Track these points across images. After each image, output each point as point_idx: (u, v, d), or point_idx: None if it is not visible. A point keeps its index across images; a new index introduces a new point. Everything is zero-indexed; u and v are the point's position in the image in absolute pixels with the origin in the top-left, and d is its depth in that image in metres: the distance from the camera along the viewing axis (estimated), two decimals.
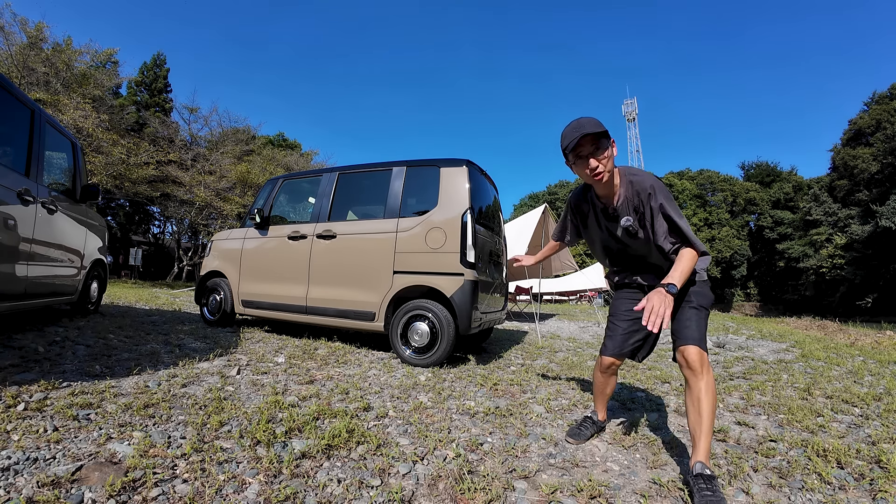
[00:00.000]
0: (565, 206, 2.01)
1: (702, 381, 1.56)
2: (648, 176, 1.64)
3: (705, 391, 1.55)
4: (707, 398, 1.54)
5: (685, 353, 1.61)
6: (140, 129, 18.70)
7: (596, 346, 5.22)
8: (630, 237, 1.73)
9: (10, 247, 2.51)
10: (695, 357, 1.58)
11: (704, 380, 1.56)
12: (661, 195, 1.60)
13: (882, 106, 29.12)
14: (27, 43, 12.28)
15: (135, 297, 7.46)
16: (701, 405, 1.54)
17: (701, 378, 1.56)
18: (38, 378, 2.08)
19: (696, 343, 1.60)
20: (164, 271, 24.36)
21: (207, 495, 1.26)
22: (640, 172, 1.67)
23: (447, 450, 1.74)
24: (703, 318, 1.67)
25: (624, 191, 1.67)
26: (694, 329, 1.63)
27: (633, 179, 1.64)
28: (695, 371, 1.58)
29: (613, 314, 1.95)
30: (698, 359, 1.58)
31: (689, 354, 1.59)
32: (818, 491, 1.53)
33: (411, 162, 3.80)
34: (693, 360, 1.58)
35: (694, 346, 1.59)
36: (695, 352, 1.59)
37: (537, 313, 6.97)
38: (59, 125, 3.39)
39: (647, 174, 1.65)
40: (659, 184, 1.62)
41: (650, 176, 1.65)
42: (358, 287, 3.67)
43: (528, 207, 42.34)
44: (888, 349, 5.48)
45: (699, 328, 1.64)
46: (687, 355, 1.60)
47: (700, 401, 1.54)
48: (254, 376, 2.58)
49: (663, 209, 1.60)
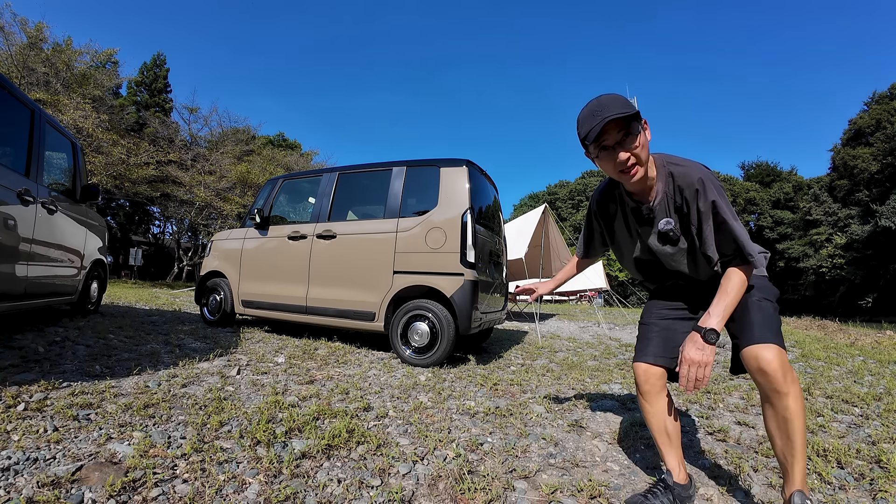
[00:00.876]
0: (587, 211, 1.65)
1: (788, 397, 1.14)
2: (695, 166, 1.29)
3: (794, 409, 1.14)
4: (798, 418, 1.15)
5: (759, 358, 1.17)
6: (140, 129, 18.72)
7: (596, 345, 5.22)
8: (668, 244, 1.37)
9: (10, 247, 2.51)
10: (773, 361, 1.15)
11: (791, 393, 1.14)
12: (712, 191, 1.24)
13: (882, 106, 29.13)
14: (27, 43, 12.29)
15: (135, 298, 7.46)
16: (791, 427, 1.15)
17: (786, 391, 1.14)
18: (39, 378, 2.08)
19: (771, 341, 1.19)
20: (164, 271, 24.36)
21: (207, 495, 1.26)
22: (683, 161, 1.31)
23: (447, 450, 1.74)
24: (772, 312, 1.28)
25: (663, 186, 1.31)
26: (762, 324, 1.22)
27: (676, 171, 1.29)
28: (775, 381, 1.15)
29: (645, 315, 1.56)
30: (779, 363, 1.15)
31: (764, 358, 1.16)
32: (818, 491, 1.53)
33: (411, 162, 3.80)
34: (771, 365, 1.15)
35: (770, 346, 1.17)
36: (773, 353, 1.16)
37: (537, 313, 6.97)
38: (59, 125, 3.39)
39: (692, 164, 1.30)
40: (709, 176, 1.26)
41: (697, 166, 1.29)
42: (358, 287, 3.67)
43: (528, 207, 42.36)
44: (888, 349, 5.48)
45: (769, 322, 1.23)
46: (762, 360, 1.17)
47: (789, 422, 1.15)
48: (254, 376, 2.58)
49: (717, 210, 1.24)
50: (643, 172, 1.26)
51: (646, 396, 1.44)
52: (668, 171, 1.30)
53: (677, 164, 1.30)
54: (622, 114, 1.15)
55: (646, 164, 1.26)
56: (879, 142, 28.34)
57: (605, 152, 1.24)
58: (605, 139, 1.22)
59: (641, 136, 1.22)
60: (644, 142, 1.23)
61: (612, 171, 1.28)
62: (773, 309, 1.29)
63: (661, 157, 1.34)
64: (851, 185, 30.26)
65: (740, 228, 1.23)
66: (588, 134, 1.20)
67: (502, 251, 4.45)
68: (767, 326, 1.22)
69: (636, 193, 1.37)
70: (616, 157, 1.23)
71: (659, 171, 1.32)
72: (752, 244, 1.24)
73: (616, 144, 1.22)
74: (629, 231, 1.48)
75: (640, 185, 1.32)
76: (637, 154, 1.22)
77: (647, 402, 1.44)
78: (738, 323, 1.28)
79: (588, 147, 1.26)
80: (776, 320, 1.26)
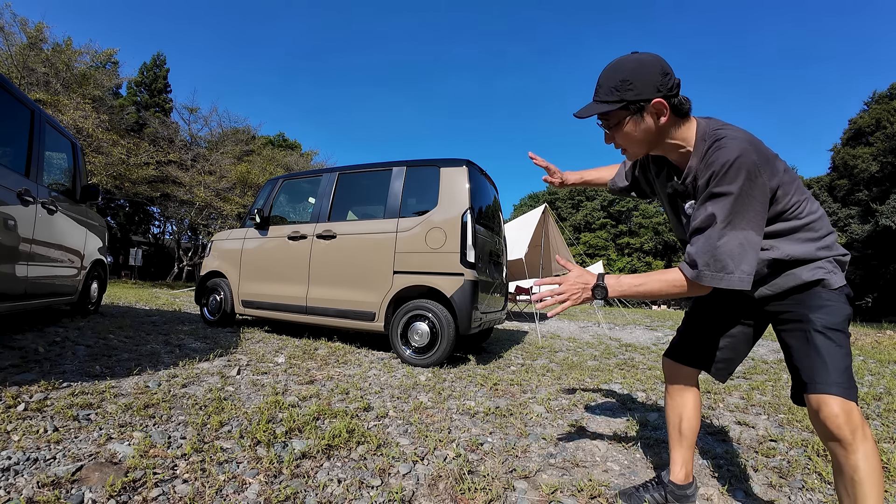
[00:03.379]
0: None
1: (857, 454, 0.97)
2: (736, 146, 1.01)
3: (865, 470, 0.97)
4: (871, 481, 0.96)
5: (821, 409, 1.01)
6: (140, 129, 18.71)
7: (596, 345, 5.22)
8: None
9: (10, 247, 2.51)
10: (838, 416, 0.98)
11: (861, 451, 0.97)
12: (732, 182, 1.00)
13: (882, 105, 29.13)
14: (27, 43, 12.28)
15: (135, 298, 7.46)
16: (859, 491, 0.97)
17: (854, 448, 0.97)
18: (39, 378, 2.08)
19: (836, 391, 1.00)
20: (164, 271, 24.37)
21: (208, 495, 1.26)
22: (729, 137, 1.04)
23: (447, 450, 1.74)
24: (838, 348, 1.04)
25: (696, 163, 1.10)
26: (826, 365, 1.03)
27: (712, 147, 1.06)
28: (840, 436, 0.98)
29: (689, 309, 1.44)
30: (844, 417, 0.98)
31: (829, 412, 0.99)
32: (818, 490, 1.53)
33: (411, 162, 3.80)
34: (837, 420, 0.98)
35: (834, 398, 1.00)
36: (838, 407, 0.99)
37: (537, 313, 6.97)
38: (59, 125, 3.39)
39: (738, 141, 1.02)
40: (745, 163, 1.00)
41: (739, 145, 1.01)
42: (358, 287, 3.67)
43: (528, 207, 42.33)
44: (888, 349, 5.48)
45: (835, 361, 1.02)
46: (824, 413, 1.00)
47: (858, 485, 0.97)
48: (254, 376, 2.58)
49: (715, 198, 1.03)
50: (637, 156, 1.18)
51: (669, 390, 1.44)
52: (706, 147, 1.08)
53: (720, 137, 1.06)
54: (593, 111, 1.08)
55: (640, 149, 1.15)
56: (879, 141, 28.34)
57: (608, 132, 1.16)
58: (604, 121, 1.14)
59: (629, 126, 1.09)
60: (631, 131, 1.10)
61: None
62: (842, 340, 1.05)
63: (707, 128, 1.10)
64: (851, 184, 30.26)
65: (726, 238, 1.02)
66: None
67: (502, 251, 4.45)
68: (834, 367, 1.02)
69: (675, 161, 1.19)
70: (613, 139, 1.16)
71: (698, 145, 1.10)
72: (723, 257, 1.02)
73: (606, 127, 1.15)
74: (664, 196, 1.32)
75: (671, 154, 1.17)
76: (619, 144, 1.15)
77: (669, 395, 1.44)
78: (799, 355, 1.10)
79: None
80: (845, 357, 1.04)
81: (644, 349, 5.05)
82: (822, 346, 1.05)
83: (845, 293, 1.11)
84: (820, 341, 1.05)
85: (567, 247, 9.87)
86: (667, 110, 1.07)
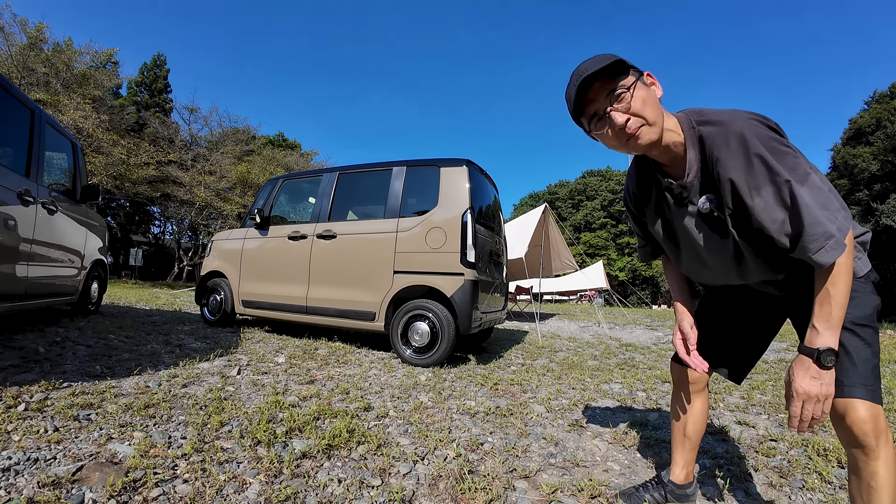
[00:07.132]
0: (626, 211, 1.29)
1: (878, 460, 0.92)
2: (734, 120, 0.92)
3: (885, 477, 0.92)
4: (888, 489, 0.92)
5: (847, 414, 0.93)
6: (140, 129, 18.72)
7: (596, 345, 5.22)
8: (710, 230, 1.04)
9: (11, 247, 2.52)
10: (867, 421, 0.91)
11: (882, 457, 0.92)
12: (756, 144, 0.88)
13: (882, 105, 29.10)
14: (27, 43, 12.30)
15: (135, 298, 7.47)
16: (876, 497, 0.93)
17: (876, 454, 0.92)
18: (39, 378, 2.08)
19: (860, 394, 0.92)
20: (164, 271, 24.38)
21: (208, 495, 1.26)
22: (717, 117, 0.95)
23: (448, 449, 1.74)
24: (866, 346, 0.95)
25: (696, 154, 0.99)
26: (855, 366, 0.94)
27: (705, 132, 0.96)
28: (866, 443, 0.92)
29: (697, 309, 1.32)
30: (872, 423, 0.91)
31: (854, 416, 0.92)
32: (819, 490, 1.53)
33: (411, 162, 3.80)
34: (863, 426, 0.92)
35: (861, 402, 0.92)
36: (864, 410, 0.92)
37: (537, 313, 6.97)
38: (59, 126, 3.39)
39: (731, 117, 0.93)
40: (752, 129, 0.90)
41: (737, 119, 0.92)
42: (358, 287, 3.67)
43: (528, 207, 42.36)
44: (888, 349, 5.48)
45: (863, 362, 0.94)
46: (851, 418, 0.93)
47: (875, 492, 0.93)
48: (254, 376, 2.58)
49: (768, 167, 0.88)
50: (655, 134, 0.96)
51: (676, 394, 1.40)
52: (697, 135, 0.98)
53: (709, 121, 0.96)
54: (600, 67, 0.90)
55: (657, 123, 0.96)
56: (880, 141, 28.32)
57: (600, 122, 0.98)
58: (593, 106, 0.98)
59: (641, 90, 0.94)
60: (646, 96, 0.95)
61: (615, 143, 0.99)
62: (871, 337, 0.95)
63: (688, 116, 1.00)
64: (851, 184, 30.22)
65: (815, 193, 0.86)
66: (573, 106, 0.98)
67: (502, 251, 4.45)
68: (862, 368, 0.93)
69: (667, 164, 1.06)
70: (613, 123, 0.95)
71: (687, 135, 0.99)
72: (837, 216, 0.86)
73: (607, 109, 0.96)
74: (662, 216, 1.16)
75: (667, 153, 1.02)
76: (637, 112, 0.94)
77: (677, 399, 1.40)
78: None
79: (581, 123, 1.02)
80: (873, 357, 0.94)
81: (644, 349, 5.05)
82: (849, 345, 0.94)
83: (871, 280, 0.99)
84: (846, 339, 0.94)
85: (567, 246, 9.87)
86: (658, 85, 0.99)
